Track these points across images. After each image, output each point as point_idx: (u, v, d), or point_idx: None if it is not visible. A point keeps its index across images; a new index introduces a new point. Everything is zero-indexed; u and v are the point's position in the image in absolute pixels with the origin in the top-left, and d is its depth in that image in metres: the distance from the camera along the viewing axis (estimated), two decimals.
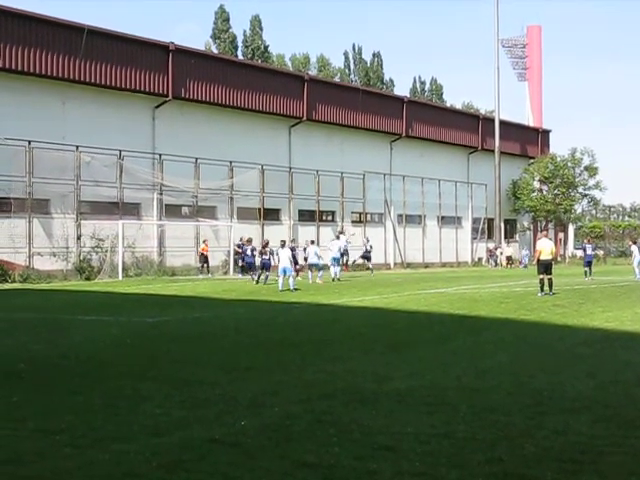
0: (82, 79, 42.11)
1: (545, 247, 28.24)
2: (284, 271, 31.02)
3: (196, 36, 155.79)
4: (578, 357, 12.73)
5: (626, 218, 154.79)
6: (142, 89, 44.94)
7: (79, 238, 41.12)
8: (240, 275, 43.33)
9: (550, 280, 27.19)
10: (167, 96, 46.13)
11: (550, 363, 12.09)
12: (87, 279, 39.24)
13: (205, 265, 44.67)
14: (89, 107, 42.70)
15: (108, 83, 43.27)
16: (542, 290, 26.90)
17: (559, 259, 75.29)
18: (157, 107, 46.41)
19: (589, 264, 40.52)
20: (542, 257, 27.99)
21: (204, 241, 45.43)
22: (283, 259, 31.40)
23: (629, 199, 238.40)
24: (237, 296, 28.11)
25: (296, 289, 30.18)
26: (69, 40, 41.43)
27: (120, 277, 39.89)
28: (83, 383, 10.68)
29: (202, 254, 45.04)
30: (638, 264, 39.31)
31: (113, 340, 15.35)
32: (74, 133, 40.99)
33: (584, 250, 42.90)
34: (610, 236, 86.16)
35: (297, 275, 35.71)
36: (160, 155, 45.40)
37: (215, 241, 47.63)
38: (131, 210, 44.51)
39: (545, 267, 27.70)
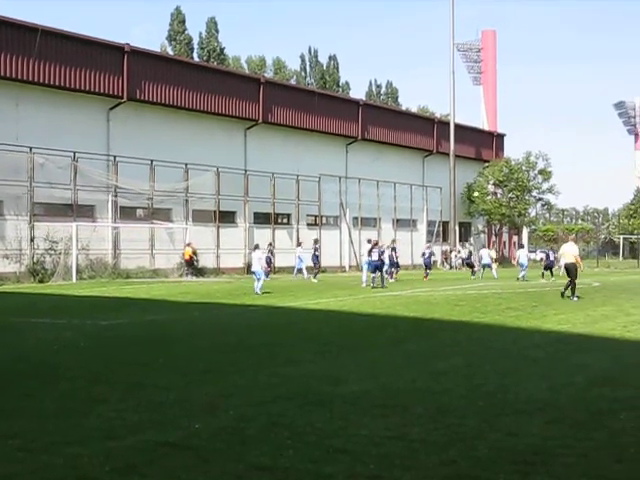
0: (36, 80, 41.63)
1: (566, 251, 28.62)
2: (255, 274, 30.85)
3: (153, 38, 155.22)
4: (531, 359, 12.84)
5: (579, 221, 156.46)
6: (97, 90, 44.57)
7: (32, 240, 40.68)
8: (195, 278, 43.58)
9: (569, 283, 27.32)
10: (122, 98, 45.79)
11: (504, 365, 12.19)
12: (40, 281, 38.83)
13: (191, 267, 45.45)
14: (43, 108, 42.26)
15: (62, 84, 42.86)
16: (572, 294, 26.82)
17: (512, 262, 75.96)
18: (112, 109, 46.05)
19: (549, 268, 41.64)
20: (566, 261, 28.50)
21: (189, 244, 45.57)
22: (254, 262, 31.30)
23: (582, 203, 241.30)
24: (192, 299, 28.00)
25: (265, 293, 29.92)
26: (23, 40, 40.93)
27: (74, 279, 39.53)
28: (36, 386, 10.59)
29: (190, 257, 45.63)
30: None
31: (66, 343, 15.23)
32: (27, 134, 40.53)
33: (547, 255, 44.02)
34: (563, 239, 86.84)
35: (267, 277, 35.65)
36: (115, 157, 45.07)
37: (170, 243, 47.46)
38: (85, 212, 44.13)
39: (567, 270, 28.16)
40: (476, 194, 72.98)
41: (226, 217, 52.15)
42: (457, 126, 70.46)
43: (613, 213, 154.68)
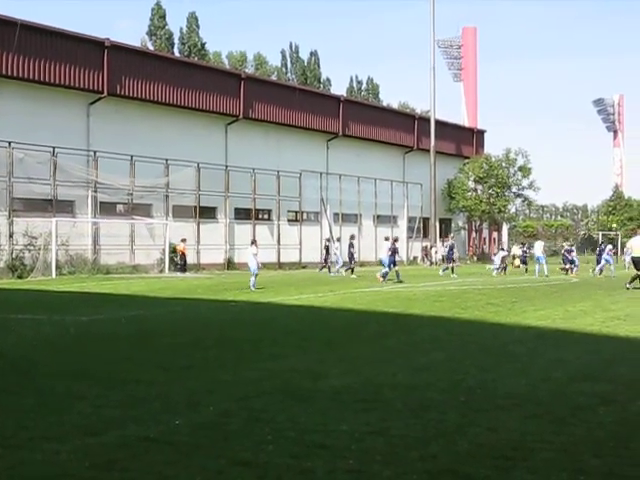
0: (15, 74, 41.39)
1: (634, 245, 29.26)
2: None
3: (135, 33, 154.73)
4: (511, 355, 12.89)
5: (559, 218, 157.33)
6: (77, 85, 44.39)
7: (11, 236, 40.49)
8: (183, 274, 43.81)
9: (636, 276, 28.52)
10: (102, 93, 45.63)
11: (483, 361, 12.23)
12: (20, 277, 38.66)
13: (182, 264, 45.85)
14: (22, 103, 41.99)
15: (42, 79, 42.64)
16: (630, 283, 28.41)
17: (493, 258, 76.23)
18: (92, 104, 45.87)
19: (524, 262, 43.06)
20: (634, 254, 29.23)
21: (183, 240, 45.69)
22: (250, 258, 31.18)
23: (562, 199, 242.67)
24: (173, 294, 27.96)
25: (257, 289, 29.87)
26: (1, 35, 40.67)
27: (53, 275, 39.39)
28: (15, 382, 10.55)
29: (182, 253, 46.05)
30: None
31: (47, 339, 15.17)
32: (7, 129, 40.27)
33: (523, 251, 45.78)
34: (543, 235, 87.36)
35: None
36: (95, 152, 44.91)
37: (150, 239, 47.36)
38: (65, 207, 43.94)
39: (635, 263, 29.02)
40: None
41: (206, 213, 52.09)
42: (438, 122, 70.59)
43: (592, 209, 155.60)
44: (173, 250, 46.77)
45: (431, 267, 62.02)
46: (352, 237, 45.89)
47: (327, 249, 46.94)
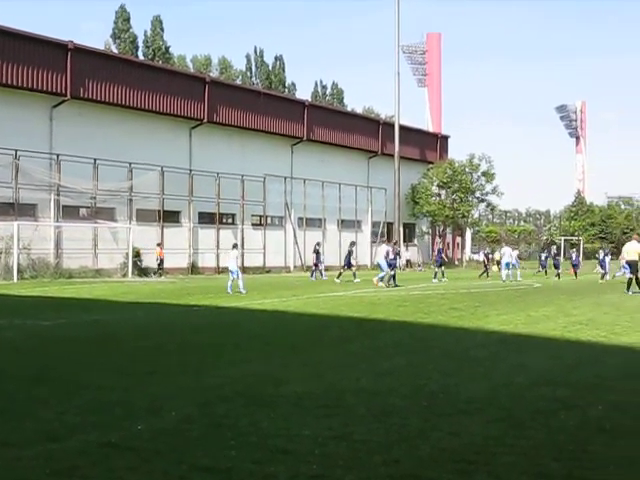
0: None
1: (629, 249, 30.95)
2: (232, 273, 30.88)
3: (99, 35, 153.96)
4: (473, 359, 12.95)
5: (521, 223, 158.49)
6: (40, 88, 44.10)
7: None
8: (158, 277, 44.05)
9: (637, 279, 30.01)
10: (65, 96, 45.38)
11: (446, 365, 12.27)
12: None
13: (160, 267, 46.45)
14: None
15: (4, 81, 42.33)
16: (628, 289, 29.83)
17: (456, 262, 76.64)
18: (55, 107, 45.58)
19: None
20: (629, 258, 30.68)
21: (159, 244, 45.87)
22: (231, 261, 31.30)
23: (525, 204, 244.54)
24: (136, 299, 27.81)
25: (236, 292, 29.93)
26: None
27: (15, 279, 39.08)
28: None
29: (159, 257, 46.73)
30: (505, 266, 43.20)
31: (7, 343, 15.05)
32: None
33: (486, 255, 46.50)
34: (506, 240, 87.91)
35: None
36: (58, 155, 44.63)
37: (114, 243, 47.11)
38: (27, 211, 43.61)
39: (631, 267, 30.56)
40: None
41: (170, 217, 51.94)
42: (402, 127, 70.78)
43: (555, 215, 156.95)
44: (136, 254, 46.67)
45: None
46: (352, 244, 46.00)
47: (317, 253, 46.82)
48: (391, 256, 36.90)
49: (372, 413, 8.80)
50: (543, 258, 57.55)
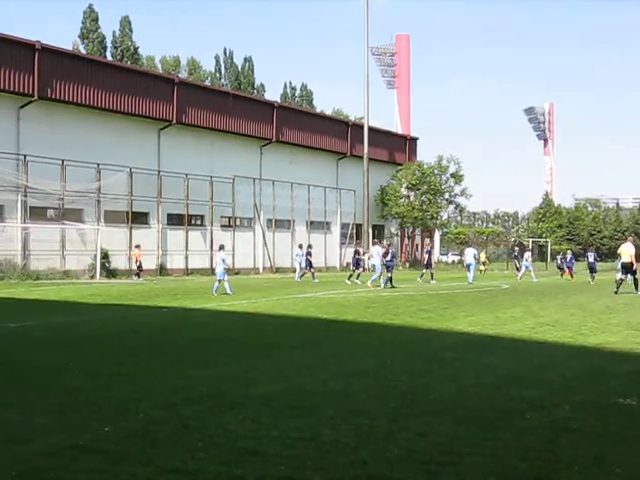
0: None
1: (624, 250, 31.89)
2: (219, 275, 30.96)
3: (66, 36, 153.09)
4: (442, 361, 13.00)
5: (490, 225, 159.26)
6: (6, 88, 43.74)
7: None
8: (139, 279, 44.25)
9: (635, 280, 31.24)
10: (33, 96, 45.04)
11: (415, 367, 12.31)
12: None
13: (139, 269, 46.73)
14: None
15: None
16: (617, 290, 30.68)
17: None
18: (22, 107, 45.23)
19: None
20: (624, 260, 31.53)
21: (137, 246, 46.08)
22: (218, 263, 31.48)
23: (493, 206, 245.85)
24: (104, 301, 27.67)
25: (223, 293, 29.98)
26: None
27: None
28: None
29: (137, 259, 47.01)
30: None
31: None
32: None
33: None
34: (475, 242, 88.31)
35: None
36: (25, 156, 44.27)
37: (82, 244, 46.83)
38: None
39: (625, 268, 31.33)
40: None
41: (139, 218, 51.69)
42: (371, 129, 70.89)
43: (523, 217, 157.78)
44: (105, 256, 46.48)
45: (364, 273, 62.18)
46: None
47: (309, 255, 46.77)
48: (388, 257, 36.81)
49: (340, 414, 8.81)
50: (559, 261, 56.68)
